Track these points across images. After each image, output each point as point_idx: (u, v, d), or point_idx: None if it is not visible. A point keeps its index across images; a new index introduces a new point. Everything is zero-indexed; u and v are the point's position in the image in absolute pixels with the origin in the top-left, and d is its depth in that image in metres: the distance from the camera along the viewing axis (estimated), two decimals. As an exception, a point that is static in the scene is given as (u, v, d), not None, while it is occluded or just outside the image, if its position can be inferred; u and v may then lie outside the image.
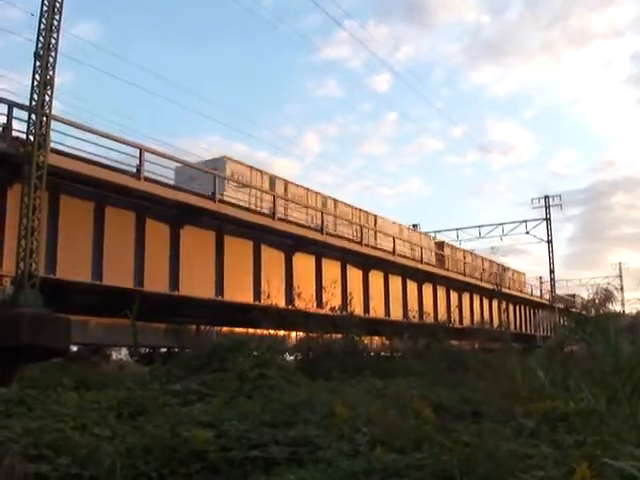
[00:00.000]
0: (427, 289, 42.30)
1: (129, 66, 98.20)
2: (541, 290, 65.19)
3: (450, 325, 37.31)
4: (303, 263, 31.45)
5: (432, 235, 53.20)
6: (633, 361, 8.13)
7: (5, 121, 19.37)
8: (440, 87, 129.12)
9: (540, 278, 66.44)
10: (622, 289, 72.62)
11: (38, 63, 19.07)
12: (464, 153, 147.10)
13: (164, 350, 27.03)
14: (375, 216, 39.90)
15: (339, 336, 22.78)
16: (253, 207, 28.70)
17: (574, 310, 56.05)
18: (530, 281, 64.56)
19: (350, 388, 11.97)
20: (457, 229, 61.64)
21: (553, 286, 60.69)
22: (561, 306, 60.19)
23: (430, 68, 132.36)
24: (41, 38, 19.12)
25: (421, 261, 41.52)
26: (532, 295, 61.31)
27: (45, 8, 19.15)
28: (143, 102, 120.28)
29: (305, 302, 27.25)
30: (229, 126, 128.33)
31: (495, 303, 50.71)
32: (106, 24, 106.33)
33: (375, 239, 37.88)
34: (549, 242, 60.50)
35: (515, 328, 52.65)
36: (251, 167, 30.89)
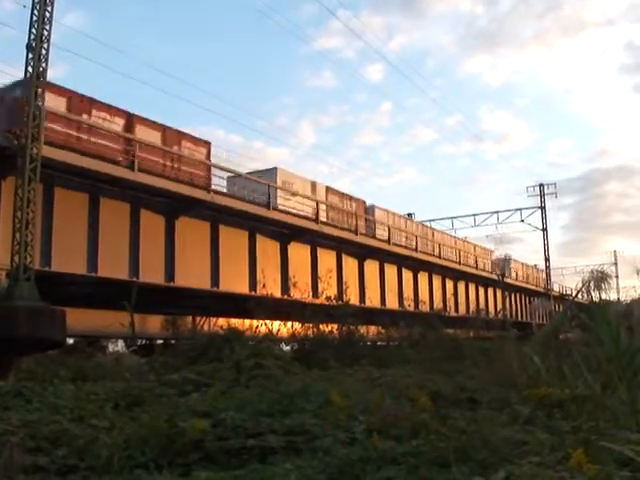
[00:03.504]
0: (423, 278, 42.36)
1: (122, 57, 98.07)
2: (536, 278, 65.37)
3: (446, 313, 37.44)
4: (298, 253, 31.46)
5: (428, 224, 53.21)
6: (634, 346, 8.18)
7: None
8: (434, 77, 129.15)
9: (535, 266, 66.59)
10: (617, 277, 72.65)
11: (30, 55, 18.98)
12: (459, 142, 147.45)
13: (160, 341, 27.04)
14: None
15: (335, 326, 22.83)
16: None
17: (568, 296, 56.21)
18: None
19: (346, 377, 11.99)
20: (452, 217, 61.74)
21: (548, 274, 60.85)
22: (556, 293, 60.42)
23: (423, 58, 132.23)
24: (33, 30, 19.03)
25: (416, 249, 41.54)
26: (527, 282, 61.42)
27: (37, 0, 19.05)
28: (137, 93, 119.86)
29: (301, 292, 27.32)
30: (224, 116, 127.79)
31: (490, 291, 50.83)
32: (98, 15, 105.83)
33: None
34: (544, 230, 60.64)
35: (511, 316, 52.77)
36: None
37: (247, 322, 23.13)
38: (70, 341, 23.95)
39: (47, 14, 19.21)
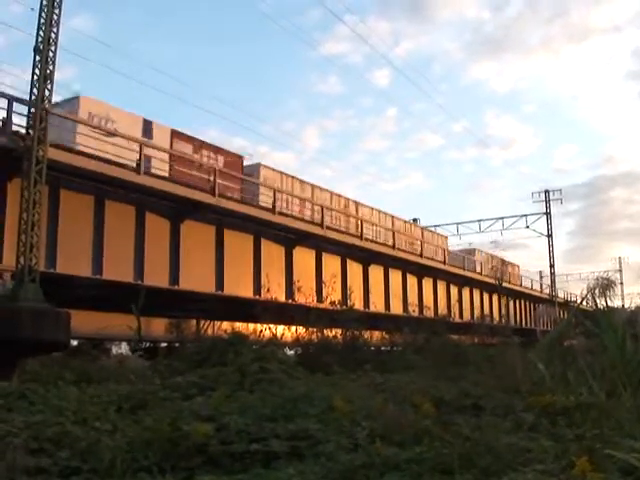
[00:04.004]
0: (427, 283, 42.30)
1: (128, 60, 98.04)
2: (541, 284, 65.23)
3: (450, 319, 37.34)
4: (303, 257, 31.46)
5: (433, 229, 53.23)
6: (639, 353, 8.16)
7: (5, 115, 19.38)
8: (440, 82, 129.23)
9: (540, 272, 66.48)
10: (622, 283, 72.48)
11: (38, 57, 19.04)
12: (464, 148, 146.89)
13: (164, 345, 27.07)
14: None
15: (339, 330, 22.80)
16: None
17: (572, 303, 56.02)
18: (528, 275, 64.39)
19: (350, 382, 11.96)
20: (457, 223, 61.67)
21: (553, 280, 60.70)
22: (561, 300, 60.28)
23: (430, 63, 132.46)
24: (41, 32, 19.08)
25: (421, 255, 41.48)
26: (532, 289, 61.27)
27: (45, 2, 19.11)
28: (142, 96, 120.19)
29: (305, 296, 27.31)
30: (229, 120, 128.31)
31: (495, 297, 50.71)
32: (103, 18, 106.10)
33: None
34: (549, 236, 60.53)
35: (515, 322, 52.67)
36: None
37: (251, 326, 23.15)
38: (74, 343, 23.98)
39: (55, 17, 19.29)
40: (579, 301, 17.83)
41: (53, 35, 19.26)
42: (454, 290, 45.65)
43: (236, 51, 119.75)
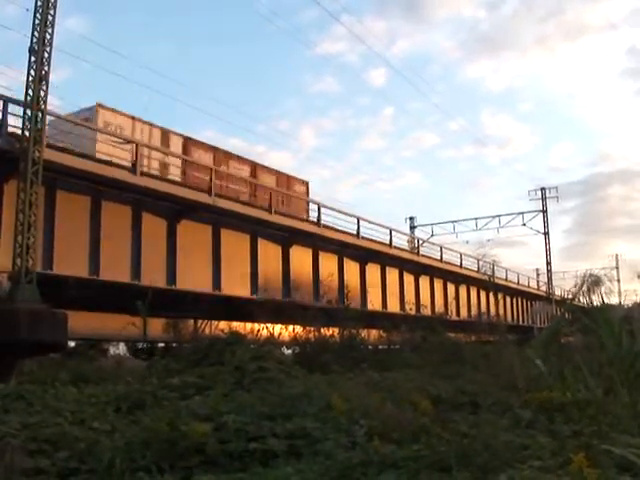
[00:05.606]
0: (424, 281, 42.26)
1: (124, 61, 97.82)
2: (538, 282, 65.28)
3: (447, 317, 37.34)
4: (300, 256, 31.41)
5: (430, 228, 53.16)
6: (636, 350, 8.18)
7: (0, 117, 19.33)
8: (436, 81, 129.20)
9: (537, 270, 66.52)
10: (619, 280, 72.49)
11: (33, 58, 18.99)
12: (461, 147, 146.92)
13: (162, 345, 27.03)
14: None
15: (336, 329, 22.80)
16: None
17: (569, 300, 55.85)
18: (527, 273, 64.39)
19: (348, 381, 11.97)
20: (454, 221, 61.64)
21: (550, 278, 60.76)
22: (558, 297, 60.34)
23: (426, 63, 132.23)
24: (36, 33, 19.04)
25: (418, 253, 41.49)
26: (529, 286, 61.28)
27: (40, 3, 19.06)
28: (138, 97, 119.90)
29: (302, 295, 27.28)
30: (225, 120, 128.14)
31: (492, 295, 50.70)
32: (100, 19, 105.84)
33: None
34: (546, 234, 60.57)
35: (512, 320, 52.67)
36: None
37: (249, 326, 23.13)
38: (72, 344, 23.94)
39: (49, 17, 19.23)
40: (570, 298, 17.81)
41: (48, 36, 19.19)
42: (451, 288, 45.59)
43: (232, 51, 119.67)
